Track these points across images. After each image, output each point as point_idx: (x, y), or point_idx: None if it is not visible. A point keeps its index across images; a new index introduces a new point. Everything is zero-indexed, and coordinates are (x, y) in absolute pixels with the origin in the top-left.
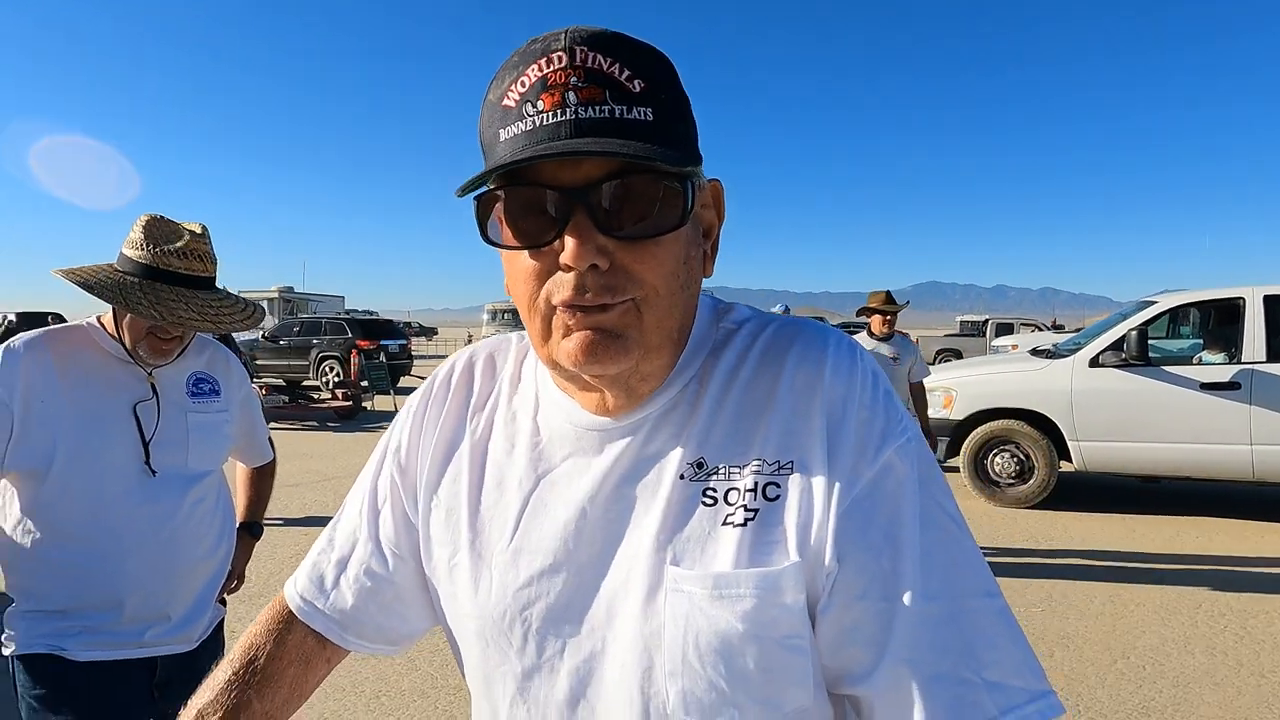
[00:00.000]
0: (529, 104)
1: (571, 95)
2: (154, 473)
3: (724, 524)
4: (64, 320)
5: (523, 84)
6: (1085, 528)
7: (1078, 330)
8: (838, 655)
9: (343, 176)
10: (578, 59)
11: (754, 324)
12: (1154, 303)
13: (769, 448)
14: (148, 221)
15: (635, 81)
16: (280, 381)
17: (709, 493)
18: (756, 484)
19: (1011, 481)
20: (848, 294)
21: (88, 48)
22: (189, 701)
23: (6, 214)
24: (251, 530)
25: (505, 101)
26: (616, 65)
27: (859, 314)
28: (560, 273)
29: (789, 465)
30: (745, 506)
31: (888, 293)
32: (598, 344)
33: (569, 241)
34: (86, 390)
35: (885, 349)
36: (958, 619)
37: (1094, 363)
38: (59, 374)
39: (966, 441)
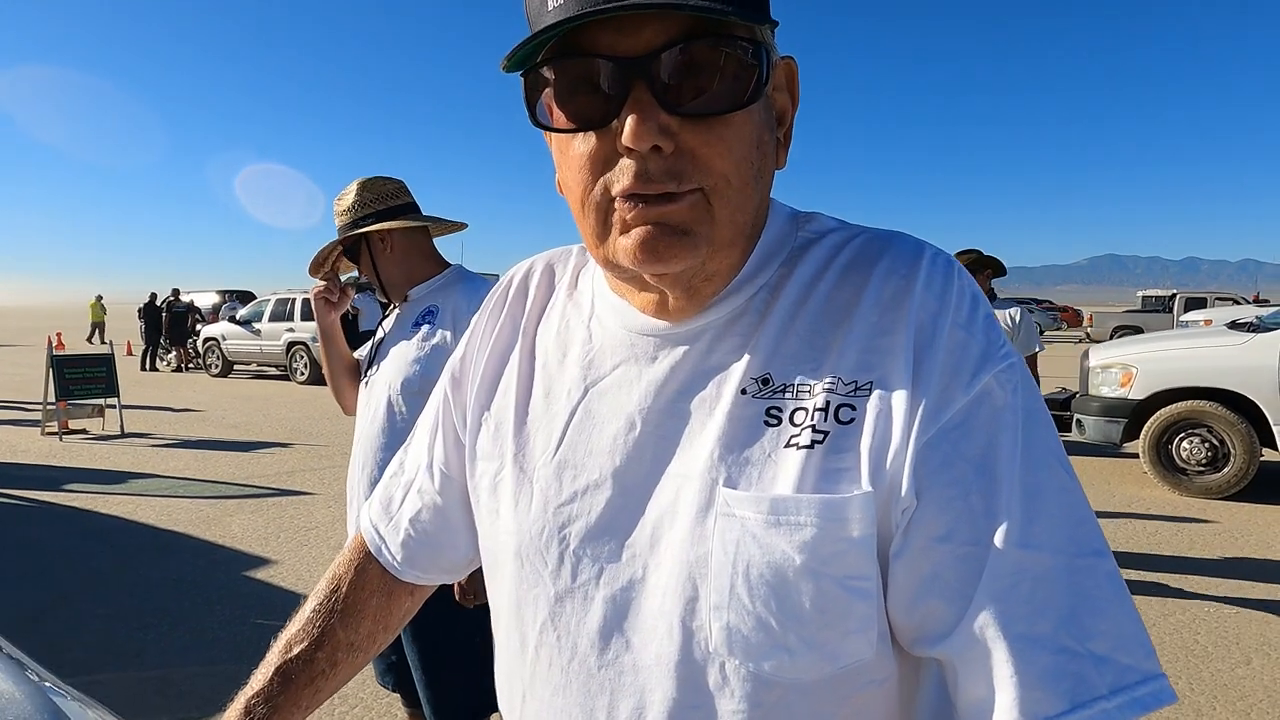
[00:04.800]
0: None
1: None
2: (367, 386)
3: (787, 446)
4: (254, 297)
5: None
6: None
7: None
8: (915, 609)
9: (503, 161)
10: None
11: (840, 234)
12: None
13: (845, 365)
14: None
15: None
16: None
17: (773, 411)
18: (828, 404)
19: (1201, 469)
20: (1014, 269)
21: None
22: (280, 633)
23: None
24: None
25: None
26: None
27: None
28: (619, 159)
29: (867, 386)
30: (814, 428)
31: (964, 252)
32: (660, 239)
33: (628, 120)
34: None
35: None
36: (1062, 576)
37: None
38: None
39: (1148, 424)
